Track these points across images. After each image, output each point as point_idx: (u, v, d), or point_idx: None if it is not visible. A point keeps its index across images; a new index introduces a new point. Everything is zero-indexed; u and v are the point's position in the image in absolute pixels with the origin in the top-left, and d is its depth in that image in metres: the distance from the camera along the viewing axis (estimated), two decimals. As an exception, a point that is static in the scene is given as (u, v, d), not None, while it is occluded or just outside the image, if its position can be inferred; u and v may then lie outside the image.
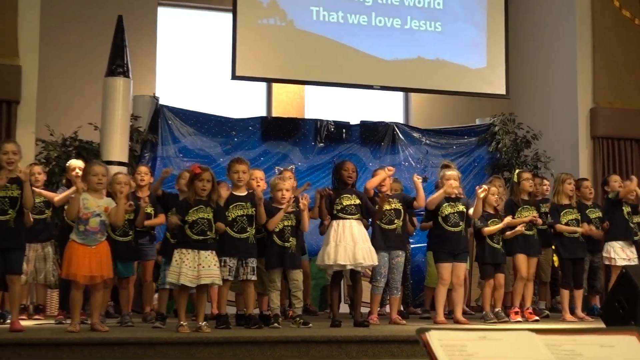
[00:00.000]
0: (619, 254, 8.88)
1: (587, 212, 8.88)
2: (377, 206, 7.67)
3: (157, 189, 7.85)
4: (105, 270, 6.57)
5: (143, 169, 8.31)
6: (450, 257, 7.83)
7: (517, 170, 8.99)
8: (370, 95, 12.83)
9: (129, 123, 9.82)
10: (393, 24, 11.61)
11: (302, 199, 7.41)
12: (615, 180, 9.22)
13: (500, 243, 8.18)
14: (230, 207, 7.05)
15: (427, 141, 11.68)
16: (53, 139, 9.74)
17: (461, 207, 7.90)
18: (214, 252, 6.66)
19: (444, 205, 7.86)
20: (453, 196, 7.92)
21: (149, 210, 7.87)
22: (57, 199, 7.73)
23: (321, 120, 11.26)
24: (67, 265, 6.48)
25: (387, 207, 7.75)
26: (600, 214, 9.03)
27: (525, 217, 8.31)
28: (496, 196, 8.29)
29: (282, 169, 9.74)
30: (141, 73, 11.17)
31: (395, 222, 7.79)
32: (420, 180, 7.91)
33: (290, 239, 7.28)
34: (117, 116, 9.57)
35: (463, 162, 11.64)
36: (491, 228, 8.09)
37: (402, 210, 7.84)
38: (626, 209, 9.00)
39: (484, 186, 8.06)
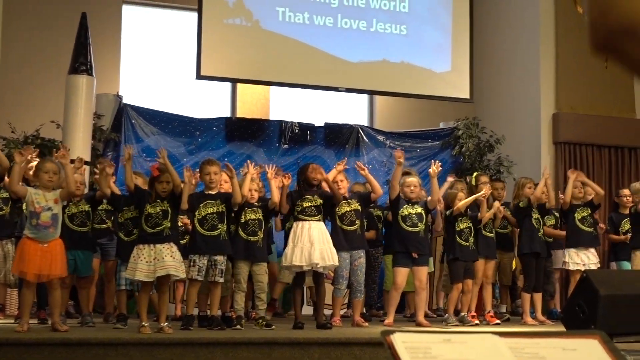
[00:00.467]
0: (574, 258, 8.94)
1: (544, 218, 8.96)
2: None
3: (130, 181, 7.45)
4: (57, 269, 6.45)
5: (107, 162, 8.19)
6: (409, 262, 7.85)
7: (475, 174, 9.11)
8: (335, 97, 12.84)
9: (91, 121, 9.74)
10: (359, 26, 11.62)
11: (282, 177, 7.48)
12: (576, 186, 9.25)
13: (470, 241, 8.21)
14: (201, 205, 7.04)
15: (391, 144, 11.71)
16: (15, 137, 9.63)
17: (420, 209, 7.94)
18: (171, 243, 6.60)
19: (404, 206, 7.90)
20: (413, 200, 7.97)
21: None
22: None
23: (286, 122, 11.25)
24: (18, 262, 6.39)
25: (346, 208, 7.76)
26: (553, 222, 9.13)
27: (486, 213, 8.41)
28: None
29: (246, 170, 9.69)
30: (105, 71, 11.07)
31: (356, 222, 7.81)
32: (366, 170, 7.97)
33: (257, 233, 7.29)
34: (79, 114, 9.48)
35: (426, 165, 11.61)
36: (461, 203, 8.12)
37: (361, 210, 7.87)
38: (535, 215, 8.93)
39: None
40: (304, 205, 7.45)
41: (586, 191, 9.24)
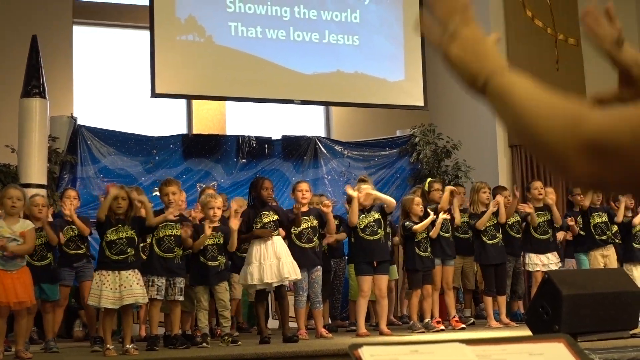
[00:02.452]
0: (534, 260, 9.06)
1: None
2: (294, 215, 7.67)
3: (103, 213, 7.27)
4: (26, 296, 6.41)
5: (72, 193, 8.11)
6: (371, 269, 7.88)
7: (428, 180, 9.19)
8: (292, 110, 12.85)
9: (46, 144, 9.63)
10: (311, 38, 11.65)
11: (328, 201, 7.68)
12: (535, 187, 9.36)
13: (428, 250, 8.27)
14: (160, 226, 6.99)
15: (349, 154, 11.75)
16: (-32, 163, 9.51)
17: (376, 215, 7.97)
18: (136, 270, 6.58)
19: (360, 217, 7.92)
20: (368, 207, 7.99)
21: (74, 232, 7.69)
22: None
23: (243, 136, 11.23)
24: None
25: (304, 225, 7.76)
26: (518, 218, 9.19)
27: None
28: (420, 206, 8.38)
29: (204, 186, 9.68)
30: (58, 93, 10.97)
31: (314, 240, 7.82)
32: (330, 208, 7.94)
33: (217, 258, 7.24)
34: (34, 138, 9.36)
35: (385, 174, 11.75)
36: (420, 225, 8.16)
37: (317, 228, 7.87)
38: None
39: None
40: (264, 221, 7.44)
41: (547, 192, 9.34)
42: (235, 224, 7.16)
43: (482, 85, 1.27)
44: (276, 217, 7.49)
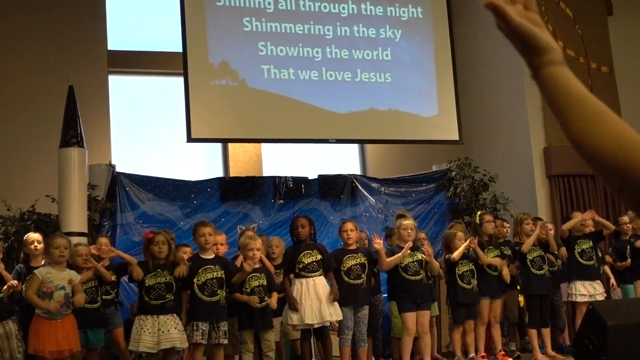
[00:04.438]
0: (580, 290, 8.97)
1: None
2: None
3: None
4: (72, 344, 6.47)
5: (103, 240, 8.26)
6: (414, 306, 7.84)
7: (479, 213, 9.11)
8: (327, 149, 12.90)
9: (86, 193, 9.73)
10: (344, 77, 11.72)
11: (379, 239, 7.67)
12: (576, 217, 9.31)
13: (472, 283, 8.21)
14: (200, 270, 7.01)
15: (386, 190, 11.73)
16: (10, 214, 9.62)
17: (420, 256, 7.94)
18: (174, 314, 6.61)
19: (402, 255, 7.89)
20: (411, 245, 7.97)
21: (113, 277, 7.82)
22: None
23: (279, 177, 11.26)
24: (33, 340, 6.38)
25: (352, 262, 7.75)
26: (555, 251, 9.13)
27: (492, 258, 8.43)
28: (462, 240, 8.35)
29: (244, 228, 9.72)
30: (95, 142, 11.12)
31: (362, 276, 7.80)
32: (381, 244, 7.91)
33: (264, 299, 7.25)
34: (73, 187, 9.47)
35: (423, 209, 11.70)
36: (457, 253, 8.12)
37: (366, 264, 7.84)
38: (578, 248, 9.07)
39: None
40: (305, 262, 7.43)
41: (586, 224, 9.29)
42: (248, 265, 7.17)
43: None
44: (319, 256, 7.48)
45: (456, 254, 8.12)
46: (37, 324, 6.39)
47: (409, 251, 7.91)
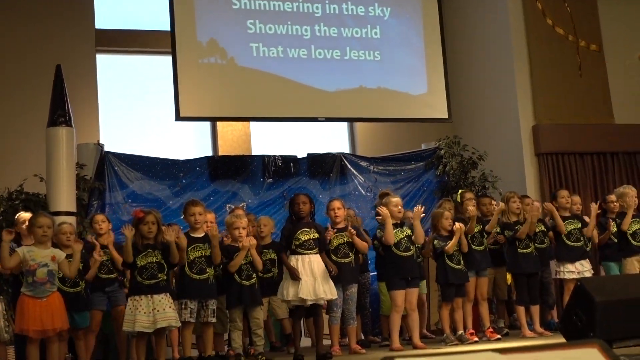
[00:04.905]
0: (568, 267, 9.02)
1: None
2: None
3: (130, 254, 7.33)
4: (58, 323, 6.46)
5: (100, 217, 8.24)
6: (404, 284, 7.85)
7: (460, 191, 9.14)
8: (316, 127, 12.89)
9: (74, 172, 9.70)
10: (333, 55, 11.69)
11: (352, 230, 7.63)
12: (562, 196, 9.34)
13: (461, 263, 8.24)
14: (189, 249, 7.01)
15: (375, 169, 11.74)
16: (-2, 193, 9.60)
17: (409, 231, 7.95)
18: (167, 294, 6.61)
19: (393, 231, 7.88)
20: (398, 222, 7.97)
21: (106, 258, 7.81)
22: None
23: (268, 156, 11.25)
24: (19, 320, 6.37)
25: (340, 240, 7.75)
26: (543, 229, 9.15)
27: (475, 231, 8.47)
28: (449, 220, 8.35)
29: (233, 207, 9.72)
30: (84, 121, 11.08)
31: (350, 255, 7.80)
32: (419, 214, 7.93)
33: (252, 276, 7.25)
34: (62, 166, 9.44)
35: (412, 187, 11.72)
36: (450, 245, 8.13)
37: (352, 244, 7.84)
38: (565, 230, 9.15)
39: (418, 207, 8.13)
40: (302, 239, 7.43)
41: (573, 201, 9.34)
42: (245, 241, 7.19)
43: None
44: (316, 235, 7.47)
45: (450, 247, 8.13)
46: (22, 303, 6.38)
47: (398, 227, 7.91)
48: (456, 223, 8.25)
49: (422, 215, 8.02)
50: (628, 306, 6.13)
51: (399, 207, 7.97)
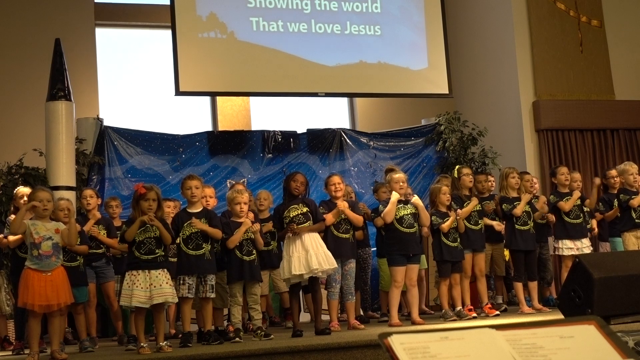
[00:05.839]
0: (567, 244, 9.03)
1: (532, 202, 9.01)
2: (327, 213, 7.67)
3: (133, 234, 7.25)
4: (62, 297, 6.46)
5: (88, 192, 8.26)
6: (405, 260, 7.85)
7: (457, 167, 9.13)
8: (316, 103, 12.86)
9: (74, 147, 9.70)
10: (333, 30, 11.65)
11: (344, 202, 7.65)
12: (562, 173, 9.33)
13: (458, 241, 8.25)
14: (185, 224, 7.00)
15: (375, 145, 11.73)
16: (-2, 167, 9.61)
17: (413, 209, 7.94)
18: (165, 270, 6.60)
19: (397, 208, 7.87)
20: (403, 198, 7.95)
21: (102, 232, 7.88)
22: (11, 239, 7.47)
23: (268, 131, 11.24)
24: (22, 293, 6.37)
25: (342, 215, 7.76)
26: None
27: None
28: (447, 195, 8.35)
29: (234, 182, 9.72)
30: (83, 95, 11.06)
31: (349, 231, 7.81)
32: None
33: (252, 252, 7.26)
34: (61, 140, 9.43)
35: (412, 163, 11.72)
36: (446, 224, 8.15)
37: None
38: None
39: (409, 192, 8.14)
40: (292, 215, 7.42)
41: (572, 178, 9.33)
42: (248, 221, 7.21)
43: None
44: (305, 209, 7.47)
45: (446, 226, 8.14)
46: (27, 276, 6.38)
47: (402, 204, 7.90)
48: (453, 211, 8.27)
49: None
50: (626, 283, 6.14)
51: (400, 184, 7.94)
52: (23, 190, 7.96)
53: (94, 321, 7.98)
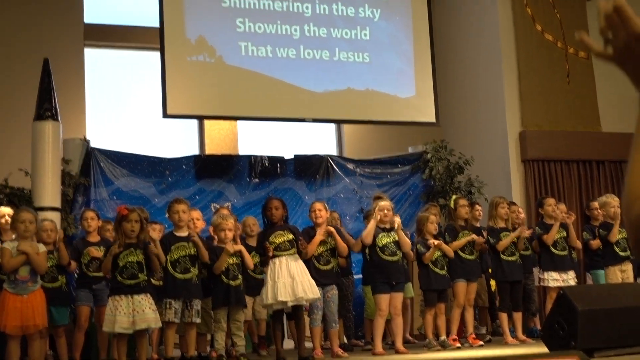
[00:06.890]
0: (553, 275, 9.03)
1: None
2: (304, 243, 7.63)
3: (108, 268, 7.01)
4: (38, 320, 6.41)
5: (89, 213, 8.18)
6: (388, 288, 7.82)
7: (454, 197, 9.09)
8: (303, 128, 12.87)
9: (60, 167, 9.64)
10: (322, 56, 11.68)
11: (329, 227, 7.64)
12: (549, 204, 9.34)
13: (445, 269, 8.23)
14: (172, 247, 6.98)
15: (362, 172, 11.73)
16: (-18, 187, 9.54)
17: (395, 237, 7.92)
18: (147, 294, 6.56)
19: (380, 235, 7.86)
20: (388, 226, 7.94)
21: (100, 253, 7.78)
22: None
23: (255, 156, 11.22)
24: None
25: (322, 248, 7.72)
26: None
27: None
28: (435, 224, 8.35)
29: (218, 206, 9.69)
30: (70, 116, 11.01)
31: (331, 261, 7.79)
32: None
33: (238, 277, 7.23)
34: (47, 161, 9.37)
35: (398, 191, 11.72)
36: (431, 253, 8.14)
37: (335, 249, 7.81)
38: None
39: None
40: (277, 242, 7.40)
41: (561, 209, 9.35)
42: (230, 246, 7.17)
43: None
44: (291, 236, 7.45)
45: (428, 255, 8.14)
46: (3, 298, 6.33)
47: (386, 232, 7.89)
48: (433, 240, 8.25)
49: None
50: (610, 316, 6.14)
51: (385, 211, 7.94)
52: (4, 210, 7.88)
53: (80, 345, 7.89)
